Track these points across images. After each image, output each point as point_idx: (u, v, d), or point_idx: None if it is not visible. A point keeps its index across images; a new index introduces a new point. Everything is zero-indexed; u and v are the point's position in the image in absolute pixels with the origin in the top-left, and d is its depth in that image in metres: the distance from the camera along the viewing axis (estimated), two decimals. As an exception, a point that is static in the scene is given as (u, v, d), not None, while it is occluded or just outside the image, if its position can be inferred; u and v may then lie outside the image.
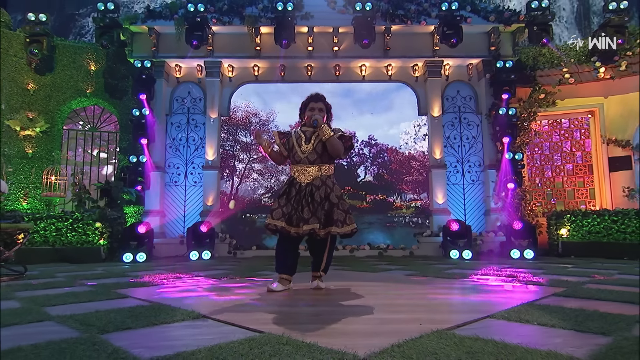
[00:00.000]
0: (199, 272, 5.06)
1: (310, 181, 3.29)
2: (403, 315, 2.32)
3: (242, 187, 10.06)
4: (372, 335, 1.80)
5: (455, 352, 1.46)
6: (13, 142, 8.83)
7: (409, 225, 10.24)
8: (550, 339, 1.71)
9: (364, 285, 3.66)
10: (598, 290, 3.16)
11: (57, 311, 2.39)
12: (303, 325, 2.00)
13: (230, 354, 1.44)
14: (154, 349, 1.56)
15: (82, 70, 9.57)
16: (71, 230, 7.27)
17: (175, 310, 2.36)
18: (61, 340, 1.69)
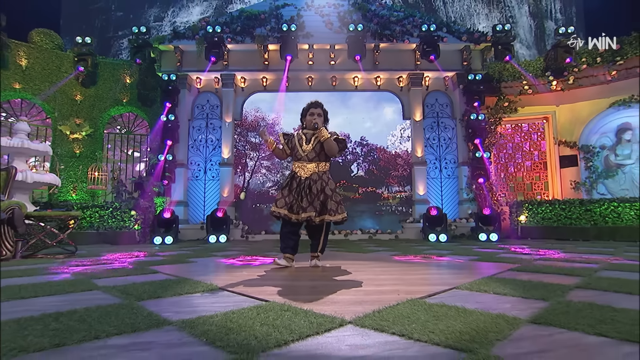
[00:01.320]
0: (215, 253, 5.00)
1: (309, 176, 3.26)
2: (385, 287, 2.32)
3: (252, 181, 10.05)
4: (358, 303, 1.81)
5: (424, 316, 1.50)
6: (64, 144, 8.85)
7: (395, 213, 10.22)
8: (502, 304, 1.76)
9: (355, 264, 3.62)
10: (544, 266, 3.21)
11: (103, 283, 2.42)
12: (302, 296, 2.01)
13: (242, 318, 1.48)
14: (180, 313, 1.59)
15: (120, 83, 9.57)
16: (111, 217, 7.31)
17: (196, 283, 2.36)
18: (107, 305, 1.74)
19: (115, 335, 1.28)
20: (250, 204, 9.89)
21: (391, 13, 9.74)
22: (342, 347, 1.16)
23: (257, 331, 1.30)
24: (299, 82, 9.75)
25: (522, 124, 9.73)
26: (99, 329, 1.32)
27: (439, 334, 1.25)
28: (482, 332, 1.27)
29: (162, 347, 1.17)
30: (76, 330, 1.32)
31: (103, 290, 2.18)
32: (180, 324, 1.41)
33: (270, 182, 10.24)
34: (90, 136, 9.14)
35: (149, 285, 2.31)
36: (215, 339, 1.21)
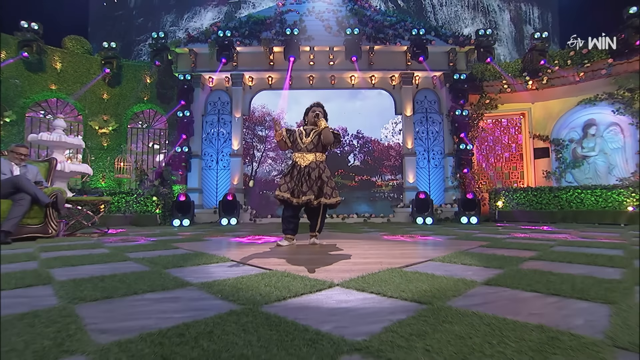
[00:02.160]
0: (227, 233, 5.10)
1: (307, 164, 3.33)
2: (371, 260, 2.41)
3: (259, 170, 10.14)
4: (346, 271, 1.92)
5: (399, 280, 1.63)
6: (94, 137, 8.93)
7: (387, 199, 10.32)
8: (465, 272, 1.88)
9: (348, 242, 3.70)
10: (510, 243, 3.30)
11: (134, 256, 2.56)
12: (300, 266, 2.12)
13: (249, 281, 1.63)
14: (199, 278, 1.75)
15: (141, 83, 9.58)
16: (136, 202, 7.43)
17: (211, 256, 2.49)
18: (140, 271, 1.90)
19: (149, 292, 1.45)
20: (257, 191, 10.05)
21: (384, 18, 9.72)
22: (329, 302, 1.33)
23: (262, 290, 1.46)
24: (301, 80, 9.77)
25: (501, 119, 9.74)
26: (137, 287, 1.50)
27: (408, 292, 1.41)
28: (443, 291, 1.44)
29: (187, 300, 1.35)
30: (119, 288, 1.49)
31: (134, 260, 2.33)
32: (200, 285, 1.58)
33: (276, 171, 10.39)
34: (115, 131, 9.22)
35: (172, 257, 2.46)
36: (228, 296, 1.38)
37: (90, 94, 8.95)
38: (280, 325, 1.02)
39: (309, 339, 0.92)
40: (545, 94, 8.77)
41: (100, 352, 0.83)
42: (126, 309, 1.22)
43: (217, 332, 0.97)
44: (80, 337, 0.93)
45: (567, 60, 8.23)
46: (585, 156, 8.40)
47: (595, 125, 8.20)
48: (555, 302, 1.28)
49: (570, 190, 7.22)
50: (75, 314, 1.14)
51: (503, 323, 1.03)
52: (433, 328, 0.99)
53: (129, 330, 0.99)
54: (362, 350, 0.85)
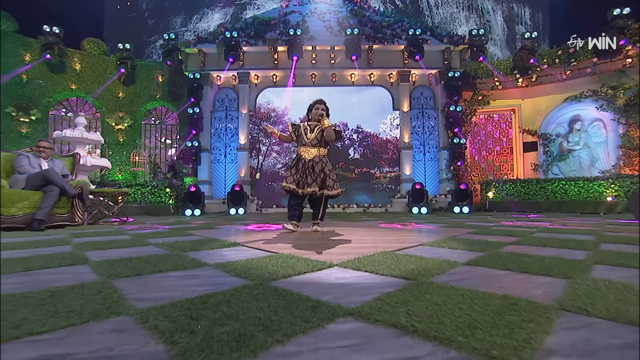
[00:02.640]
0: (235, 222, 5.19)
1: (311, 158, 3.44)
2: (367, 245, 2.51)
3: (265, 163, 10.27)
4: (344, 254, 2.04)
5: (390, 261, 1.75)
6: (111, 133, 9.03)
7: (385, 190, 10.42)
8: (450, 255, 1.99)
9: (347, 229, 3.79)
10: (495, 230, 3.40)
11: (154, 241, 2.69)
12: (303, 250, 2.23)
13: (258, 262, 1.76)
14: (213, 259, 1.87)
15: (153, 82, 9.63)
16: (150, 194, 7.55)
17: (223, 242, 2.61)
18: (161, 254, 2.03)
19: (172, 270, 1.59)
20: (263, 182, 10.18)
21: (383, 18, 9.71)
22: (329, 279, 1.46)
23: (270, 269, 1.59)
24: (304, 78, 9.83)
25: (493, 115, 9.76)
26: (161, 267, 1.64)
27: (397, 271, 1.54)
28: (428, 270, 1.56)
29: (205, 277, 1.48)
30: (146, 267, 1.63)
31: (155, 245, 2.46)
32: (215, 265, 1.71)
33: (280, 164, 10.49)
34: (130, 127, 9.32)
35: (188, 242, 2.59)
36: (241, 273, 1.51)
37: (107, 93, 9.04)
38: (286, 296, 1.16)
39: (310, 305, 1.05)
40: (534, 91, 8.79)
41: (141, 314, 0.97)
42: (155, 284, 1.35)
43: (233, 300, 1.10)
44: (122, 303, 1.07)
45: (555, 59, 8.23)
46: (570, 150, 8.44)
47: (581, 120, 8.24)
48: (523, 278, 1.41)
49: (555, 181, 7.28)
50: (114, 286, 1.28)
51: (474, 294, 1.15)
52: (415, 298, 1.12)
53: (160, 299, 1.13)
54: (354, 314, 0.98)
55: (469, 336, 0.80)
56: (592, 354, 0.73)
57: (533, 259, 1.76)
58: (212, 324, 0.89)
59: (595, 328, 0.87)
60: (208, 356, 0.71)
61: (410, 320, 0.91)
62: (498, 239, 2.74)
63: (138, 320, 0.93)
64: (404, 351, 0.75)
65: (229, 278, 1.45)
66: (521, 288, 1.25)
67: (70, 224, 4.09)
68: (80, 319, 0.94)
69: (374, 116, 10.75)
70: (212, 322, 0.90)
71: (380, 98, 10.36)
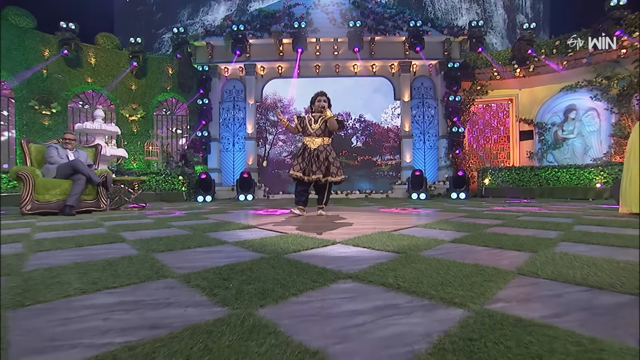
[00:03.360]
0: (246, 207, 5.41)
1: (316, 147, 3.61)
2: (367, 226, 2.70)
3: (272, 151, 10.45)
4: (345, 234, 2.24)
5: (386, 239, 1.95)
6: (125, 124, 9.17)
7: (387, 177, 10.54)
8: (440, 234, 2.18)
9: (350, 213, 3.98)
10: (486, 214, 3.57)
11: (175, 224, 2.91)
12: (309, 231, 2.43)
13: (271, 240, 1.97)
14: (232, 238, 2.09)
15: (164, 74, 9.73)
16: (164, 181, 7.72)
17: (238, 224, 2.82)
18: (186, 234, 2.25)
19: (198, 247, 1.82)
20: (270, 170, 10.38)
21: (385, 10, 9.68)
22: (332, 253, 1.67)
23: (282, 246, 1.81)
24: (309, 69, 9.90)
25: (491, 104, 9.78)
26: (189, 244, 1.87)
27: (391, 247, 1.75)
28: (417, 246, 1.77)
29: (228, 252, 1.70)
30: (175, 244, 1.86)
31: (177, 227, 2.69)
32: (234, 243, 1.93)
33: (286, 152, 10.65)
34: (143, 118, 9.49)
35: (207, 225, 2.82)
36: (258, 249, 1.73)
37: (121, 86, 9.19)
38: (297, 264, 1.37)
39: (317, 271, 1.27)
40: (531, 81, 8.80)
41: (183, 277, 1.19)
42: (187, 257, 1.58)
43: (255, 267, 1.32)
44: (166, 269, 1.30)
45: (552, 50, 8.21)
46: (565, 138, 8.50)
47: (575, 110, 8.27)
48: (496, 252, 1.61)
49: (549, 169, 7.39)
50: (154, 258, 1.50)
51: (452, 263, 1.36)
52: (402, 266, 1.34)
53: (195, 267, 1.35)
54: (352, 277, 1.20)
55: (440, 290, 1.02)
56: (528, 300, 0.94)
57: (510, 238, 1.97)
58: (240, 283, 1.12)
59: (539, 285, 1.08)
60: (242, 303, 0.93)
61: (396, 281, 1.13)
62: (486, 221, 2.93)
63: (182, 281, 1.15)
64: (389, 300, 0.97)
65: (248, 252, 1.68)
66: (492, 259, 1.46)
67: (96, 210, 4.34)
68: (138, 279, 1.17)
69: (376, 106, 10.82)
70: (240, 282, 1.13)
71: (381, 88, 10.42)
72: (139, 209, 4.80)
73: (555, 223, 2.67)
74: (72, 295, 1.01)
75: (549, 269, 1.23)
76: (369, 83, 10.58)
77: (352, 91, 10.72)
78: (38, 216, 3.65)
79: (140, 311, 0.89)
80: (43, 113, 7.73)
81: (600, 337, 0.71)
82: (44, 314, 0.87)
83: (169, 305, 0.93)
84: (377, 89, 10.60)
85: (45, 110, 7.71)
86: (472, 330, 0.74)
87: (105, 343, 0.71)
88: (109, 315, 0.86)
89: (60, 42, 7.83)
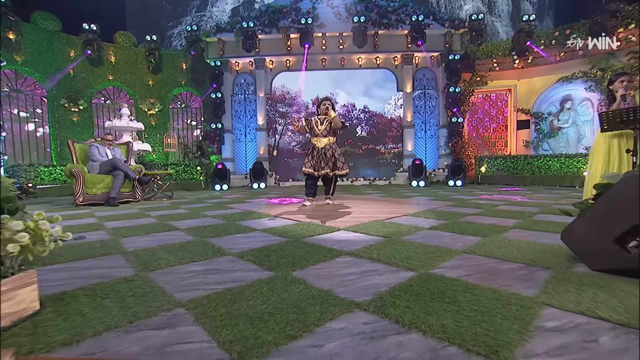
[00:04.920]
0: (261, 196, 5.92)
1: (323, 146, 4.09)
2: (365, 215, 3.21)
3: (281, 141, 10.93)
4: (348, 222, 2.77)
5: (379, 227, 2.49)
6: (144, 118, 9.56)
7: (389, 164, 10.89)
8: (422, 222, 2.69)
9: (352, 202, 4.50)
10: (469, 203, 4.02)
11: (209, 214, 3.46)
12: (318, 218, 2.98)
13: (290, 228, 2.53)
14: (260, 226, 2.65)
15: (178, 69, 10.06)
16: (184, 172, 8.25)
17: (260, 213, 3.38)
18: (223, 223, 2.81)
19: (236, 233, 2.40)
20: (280, 159, 10.90)
21: (388, 3, 9.88)
22: (336, 237, 2.24)
23: (299, 232, 2.39)
24: (315, 62, 10.16)
25: (490, 94, 10.01)
26: (228, 231, 2.45)
27: (381, 233, 2.30)
28: (400, 232, 2.32)
29: (260, 237, 2.28)
30: (220, 232, 2.45)
31: (212, 217, 3.26)
32: (262, 230, 2.51)
33: (295, 142, 11.11)
34: (160, 111, 9.95)
35: (235, 214, 3.39)
36: (282, 234, 2.31)
37: (138, 82, 9.64)
38: (312, 245, 1.95)
39: (326, 250, 1.84)
40: (529, 72, 9.02)
41: (237, 254, 1.78)
42: (232, 241, 2.16)
43: (284, 248, 1.90)
44: (223, 250, 1.88)
45: (552, 40, 8.44)
46: (560, 127, 8.80)
47: (571, 100, 8.54)
48: (457, 237, 2.17)
49: (541, 157, 7.77)
50: (210, 242, 2.09)
51: (420, 245, 1.92)
52: (385, 247, 1.90)
53: (241, 248, 1.93)
54: (349, 254, 1.77)
55: (404, 262, 1.58)
56: (457, 268, 1.50)
57: (474, 226, 2.51)
58: (277, 258, 1.70)
59: (471, 259, 1.63)
60: (281, 269, 1.51)
61: (378, 256, 1.69)
62: (466, 210, 3.44)
63: (238, 257, 1.74)
64: (371, 267, 1.53)
65: (276, 237, 2.25)
66: (451, 242, 2.01)
67: (133, 200, 4.97)
68: (207, 256, 1.76)
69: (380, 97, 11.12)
70: (277, 257, 1.71)
71: (385, 80, 10.70)
72: (167, 199, 5.41)
73: (521, 212, 3.19)
74: (173, 265, 1.60)
75: (484, 249, 1.79)
76: (373, 75, 10.85)
77: (356, 83, 11.02)
78: (89, 207, 4.29)
79: (221, 274, 1.47)
80: (72, 110, 8.34)
81: (483, 284, 1.27)
82: (166, 275, 1.46)
83: (236, 270, 1.52)
84: (381, 81, 10.88)
85: (73, 108, 8.30)
86: (414, 282, 1.31)
87: (211, 288, 1.29)
88: (204, 276, 1.45)
89: (84, 43, 8.33)
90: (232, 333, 0.91)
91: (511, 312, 1.02)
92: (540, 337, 0.88)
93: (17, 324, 0.97)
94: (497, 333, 0.89)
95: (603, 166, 3.29)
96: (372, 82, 10.88)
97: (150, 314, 1.05)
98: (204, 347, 0.86)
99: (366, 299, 1.15)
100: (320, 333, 0.92)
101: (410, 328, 0.94)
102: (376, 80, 10.85)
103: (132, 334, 0.93)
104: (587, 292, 1.16)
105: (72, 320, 1.00)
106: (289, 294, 1.20)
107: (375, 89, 10.91)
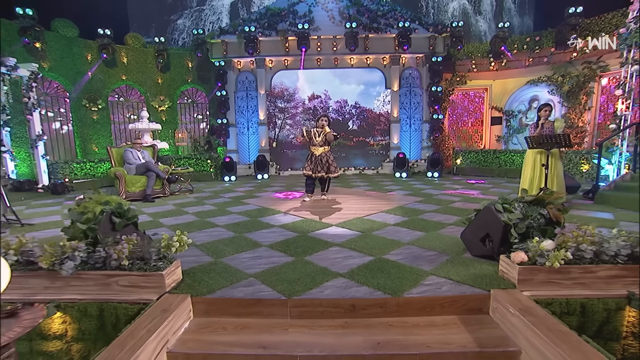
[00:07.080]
0: (266, 188, 6.76)
1: (320, 154, 5.00)
2: (351, 212, 4.17)
3: (281, 134, 11.72)
4: (338, 219, 3.75)
5: (359, 223, 3.53)
6: (155, 115, 10.14)
7: (378, 155, 11.72)
8: (390, 219, 3.68)
9: (342, 197, 5.46)
10: (434, 200, 4.92)
11: (233, 209, 4.41)
12: (317, 215, 3.93)
13: (298, 224, 3.54)
14: (276, 223, 3.63)
15: (185, 68, 10.58)
16: (196, 164, 8.97)
17: (272, 210, 4.32)
18: (247, 219, 3.77)
19: (262, 229, 3.42)
20: (279, 150, 11.80)
21: (378, 7, 10.53)
22: (330, 232, 3.27)
23: (304, 228, 3.42)
24: (311, 62, 10.76)
25: (469, 92, 10.83)
26: (256, 227, 3.48)
27: (360, 228, 3.34)
28: (372, 228, 3.37)
29: (279, 233, 3.31)
30: (249, 228, 3.47)
31: (236, 214, 4.21)
32: (279, 226, 3.54)
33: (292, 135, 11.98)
34: (170, 108, 10.61)
35: (252, 211, 4.35)
36: (293, 230, 3.34)
37: (149, 80, 10.25)
38: (314, 239, 3.00)
39: (323, 242, 2.89)
40: (503, 74, 9.85)
41: (269, 245, 2.82)
42: (261, 235, 3.19)
43: (297, 240, 2.94)
44: (258, 243, 2.92)
45: (523, 45, 9.30)
46: (527, 124, 9.78)
47: (538, 100, 9.46)
48: (409, 232, 3.23)
49: (507, 152, 8.78)
50: (247, 237, 3.13)
51: (382, 238, 2.98)
52: (360, 240, 2.95)
53: (269, 241, 2.96)
54: (337, 245, 2.82)
55: (370, 251, 2.64)
56: (399, 254, 2.56)
57: (425, 222, 3.58)
58: (294, 248, 2.75)
59: (409, 248, 2.69)
60: (298, 255, 2.56)
61: (355, 246, 2.75)
62: (427, 207, 4.44)
63: (269, 248, 2.78)
64: (350, 254, 2.59)
65: (290, 232, 3.28)
66: (403, 237, 3.07)
67: (163, 195, 5.93)
68: (250, 248, 2.79)
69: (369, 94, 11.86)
70: (294, 247, 2.76)
71: (375, 78, 11.45)
72: (189, 192, 6.37)
73: (467, 210, 4.25)
74: (233, 254, 2.64)
75: (420, 242, 2.85)
76: (363, 74, 11.56)
77: (348, 81, 11.76)
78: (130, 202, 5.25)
79: (264, 259, 2.52)
80: (92, 109, 9.08)
81: (407, 264, 2.34)
82: (232, 260, 2.51)
83: (270, 257, 2.57)
84: (371, 79, 11.63)
85: (93, 107, 9.04)
86: (371, 263, 2.37)
87: (263, 267, 2.34)
88: (254, 260, 2.49)
89: (100, 47, 8.95)
90: (282, 287, 1.97)
91: (412, 277, 2.09)
92: (417, 287, 1.96)
93: (180, 286, 2.01)
94: (400, 286, 1.96)
95: (530, 173, 4.38)
96: (363, 80, 11.65)
97: (239, 280, 2.10)
98: (271, 292, 1.91)
99: (345, 271, 2.21)
100: (322, 286, 1.98)
101: (363, 284, 2.00)
102: (367, 79, 11.62)
103: (236, 289, 1.98)
104: (457, 268, 2.23)
105: (203, 282, 2.05)
106: (305, 269, 2.26)
107: (365, 87, 11.70)
